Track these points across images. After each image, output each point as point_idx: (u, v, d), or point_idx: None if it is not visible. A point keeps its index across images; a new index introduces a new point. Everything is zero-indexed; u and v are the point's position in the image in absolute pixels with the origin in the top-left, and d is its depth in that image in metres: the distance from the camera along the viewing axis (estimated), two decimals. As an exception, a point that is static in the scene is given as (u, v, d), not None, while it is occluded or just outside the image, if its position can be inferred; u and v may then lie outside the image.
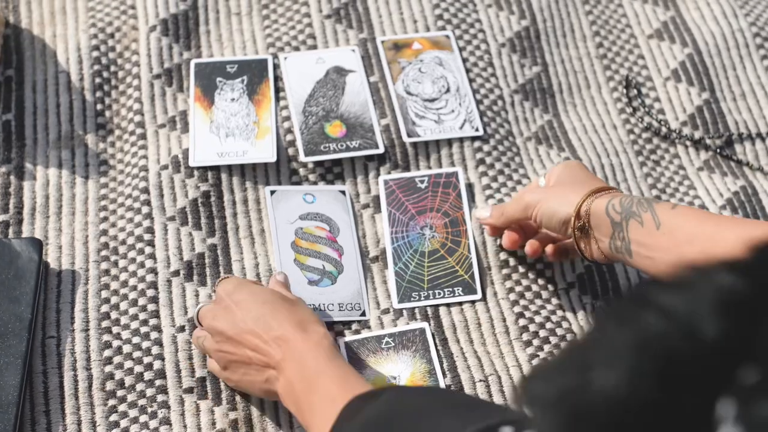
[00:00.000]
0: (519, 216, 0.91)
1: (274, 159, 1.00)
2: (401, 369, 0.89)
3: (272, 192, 0.98)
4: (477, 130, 1.04)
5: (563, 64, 1.13)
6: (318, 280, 0.93)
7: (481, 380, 0.89)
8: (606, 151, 1.07)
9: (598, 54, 1.15)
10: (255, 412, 0.87)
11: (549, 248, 0.94)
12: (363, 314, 0.93)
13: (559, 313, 0.94)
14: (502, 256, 0.97)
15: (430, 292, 0.94)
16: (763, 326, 0.35)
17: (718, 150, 1.08)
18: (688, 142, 1.09)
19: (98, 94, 1.05)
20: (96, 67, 1.06)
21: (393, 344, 0.90)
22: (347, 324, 0.93)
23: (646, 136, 1.09)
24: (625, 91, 1.12)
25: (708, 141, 1.09)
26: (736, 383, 0.33)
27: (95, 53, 1.07)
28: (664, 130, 1.09)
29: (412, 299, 0.94)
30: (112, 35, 1.09)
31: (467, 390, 0.89)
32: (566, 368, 0.37)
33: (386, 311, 0.94)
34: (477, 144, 1.04)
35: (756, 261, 0.37)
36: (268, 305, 0.83)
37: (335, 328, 0.93)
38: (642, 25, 1.17)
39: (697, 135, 1.09)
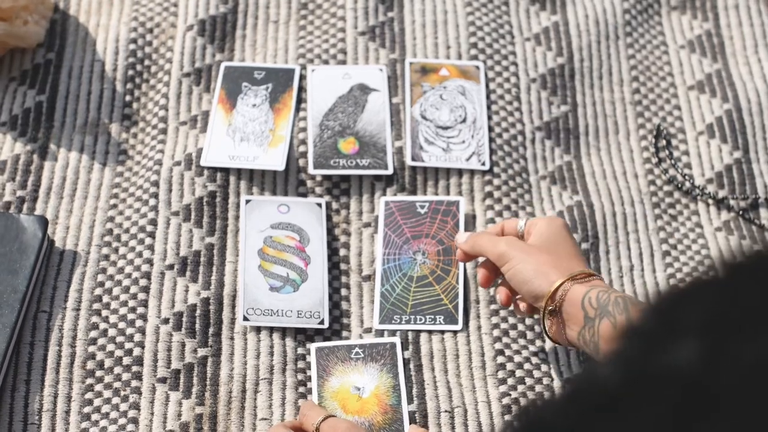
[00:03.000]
0: (489, 257, 0.95)
1: (282, 168, 1.08)
2: (366, 381, 0.96)
3: (247, 201, 1.06)
4: (483, 164, 1.10)
5: (594, 107, 1.18)
6: (280, 286, 1.01)
7: (446, 411, 0.95)
8: (621, 199, 1.12)
9: (632, 100, 1.19)
10: (221, 410, 0.95)
11: (523, 305, 0.96)
12: (321, 322, 1.00)
13: (541, 356, 1.00)
14: (492, 290, 1.03)
15: (412, 316, 1.01)
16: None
17: (741, 212, 1.11)
18: (710, 201, 1.13)
19: (129, 85, 1.16)
20: (131, 60, 1.17)
21: (362, 355, 0.98)
22: (322, 333, 1.00)
23: (667, 189, 1.13)
24: (654, 140, 1.16)
25: (732, 201, 1.12)
26: None
27: (132, 46, 1.18)
28: (687, 185, 1.13)
29: (393, 321, 1.01)
30: (151, 30, 1.19)
31: (431, 419, 0.95)
32: None
33: (368, 330, 1.01)
34: (487, 177, 1.10)
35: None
36: None
37: (315, 339, 1.00)
38: (685, 75, 1.21)
39: (722, 194, 1.13)
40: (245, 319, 1.00)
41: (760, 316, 0.38)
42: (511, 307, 1.01)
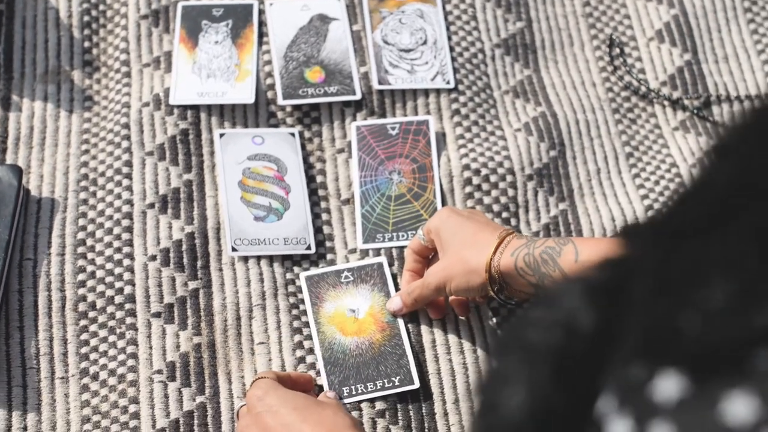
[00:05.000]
0: (434, 297, 0.97)
1: (252, 101, 1.11)
2: (360, 302, 1.00)
3: (221, 135, 1.09)
4: (448, 83, 1.14)
5: (548, 21, 1.23)
6: (264, 216, 1.05)
7: (437, 319, 1.00)
8: (583, 107, 1.17)
9: (584, 12, 1.24)
10: (219, 338, 0.98)
11: (458, 309, 1.00)
12: (308, 248, 1.03)
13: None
14: (469, 203, 1.07)
15: (394, 234, 1.05)
16: (627, 309, 0.39)
17: (696, 111, 1.18)
18: (666, 102, 1.19)
19: (86, 31, 1.17)
20: (85, 5, 1.18)
21: (352, 278, 1.02)
22: (309, 258, 1.04)
23: (624, 94, 1.19)
24: (608, 50, 1.22)
25: (686, 102, 1.18)
26: (613, 373, 0.38)
27: (85, -8, 1.19)
28: (643, 89, 1.19)
29: (376, 240, 1.05)
30: (102, -25, 1.20)
31: (424, 329, 0.99)
32: (480, 416, 0.42)
33: (353, 251, 1.05)
34: (453, 95, 1.14)
35: (617, 257, 0.42)
36: (300, 411, 0.86)
37: (303, 264, 1.04)
38: (631, -15, 1.27)
39: (676, 95, 1.19)
40: (233, 249, 1.03)
41: None
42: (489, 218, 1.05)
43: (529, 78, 1.19)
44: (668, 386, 0.35)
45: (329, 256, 1.05)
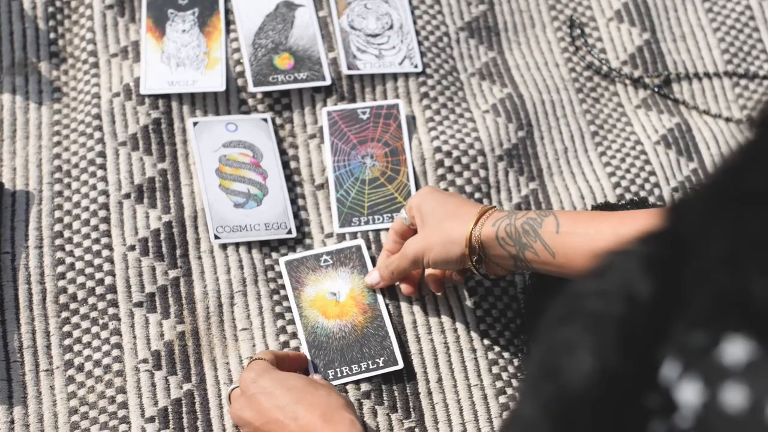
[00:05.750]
0: (411, 269, 0.98)
1: (223, 88, 1.12)
2: (340, 285, 1.02)
3: (195, 123, 1.10)
4: (416, 66, 1.16)
5: (509, 3, 1.26)
6: (243, 202, 1.06)
7: (417, 299, 1.02)
8: (548, 87, 1.20)
9: (544, -6, 1.27)
10: (202, 326, 1.00)
11: (455, 275, 1.01)
12: (290, 232, 1.05)
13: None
14: (442, 185, 1.10)
15: (370, 217, 1.07)
16: (688, 277, 0.40)
17: (656, 89, 1.21)
18: (627, 81, 1.22)
19: (51, 22, 1.16)
20: (49, -3, 1.17)
21: (331, 262, 1.03)
22: (287, 243, 1.05)
23: (587, 74, 1.22)
24: (569, 30, 1.24)
25: (647, 80, 1.22)
26: (674, 340, 0.40)
27: (49, -18, 1.18)
28: (604, 68, 1.22)
29: (353, 224, 1.07)
30: (65, -35, 1.20)
31: (404, 309, 1.02)
32: (540, 383, 0.43)
33: (329, 235, 1.07)
34: (421, 78, 1.16)
35: (664, 228, 0.44)
36: (294, 392, 0.87)
37: (281, 250, 1.05)
38: (588, -33, 1.29)
39: (637, 74, 1.22)
40: (216, 237, 1.04)
41: None
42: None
43: (494, 60, 1.21)
44: (736, 350, 0.36)
45: (307, 241, 1.07)
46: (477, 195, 1.10)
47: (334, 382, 0.97)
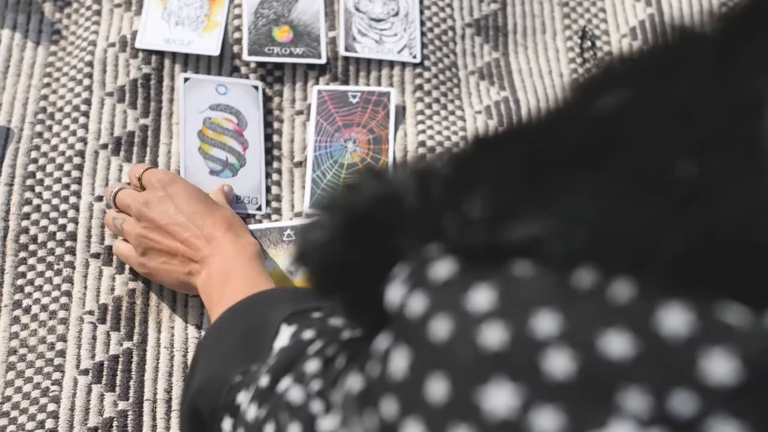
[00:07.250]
0: None
1: (217, 53, 1.11)
2: (297, 265, 1.02)
3: (186, 79, 1.09)
4: (415, 57, 1.15)
5: (522, 6, 1.23)
6: (219, 170, 1.06)
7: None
8: (547, 96, 1.18)
9: (560, 1, 1.25)
10: (154, 286, 1.00)
11: None
12: (259, 208, 1.05)
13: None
14: (419, 180, 1.09)
15: (341, 202, 1.06)
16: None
17: (658, 113, 1.18)
18: (629, 101, 1.19)
19: (62, -36, 1.17)
20: (64, -62, 1.18)
21: (294, 238, 1.03)
22: (254, 217, 1.05)
23: (590, 88, 1.19)
24: (579, 41, 1.22)
25: (650, 103, 1.19)
26: (416, 248, 0.42)
27: (65, -76, 1.18)
28: (609, 85, 1.19)
29: (323, 206, 1.06)
30: None
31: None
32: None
33: (299, 214, 1.07)
34: (418, 70, 1.15)
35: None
36: (203, 204, 0.94)
37: (247, 221, 1.05)
38: (612, -21, 1.27)
39: (641, 95, 1.19)
40: (182, 199, 1.04)
41: None
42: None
43: (497, 61, 1.19)
44: (443, 268, 0.39)
45: (274, 217, 1.06)
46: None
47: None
